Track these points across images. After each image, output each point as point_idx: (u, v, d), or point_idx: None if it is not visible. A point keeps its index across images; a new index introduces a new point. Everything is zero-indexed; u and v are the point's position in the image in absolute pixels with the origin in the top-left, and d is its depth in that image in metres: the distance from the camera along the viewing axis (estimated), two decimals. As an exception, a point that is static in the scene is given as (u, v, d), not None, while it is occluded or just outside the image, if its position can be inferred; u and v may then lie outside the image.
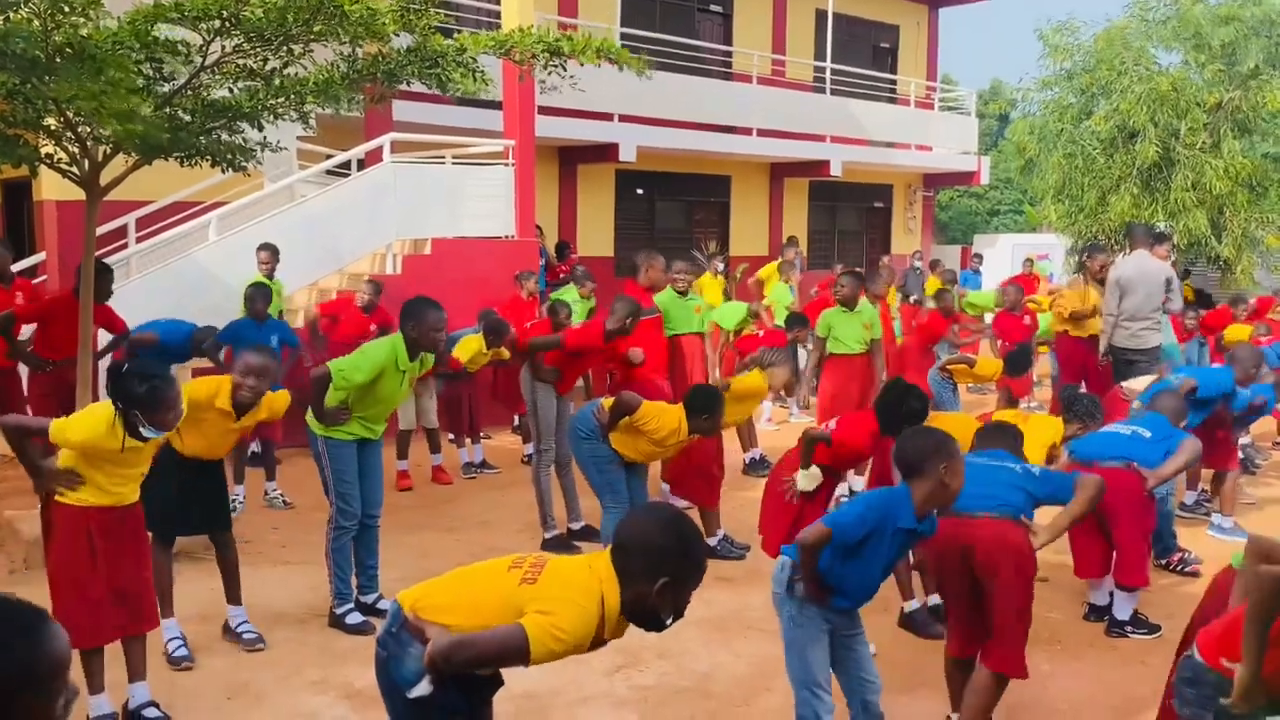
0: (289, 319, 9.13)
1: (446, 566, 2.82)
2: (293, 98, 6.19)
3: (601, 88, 11.36)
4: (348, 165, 10.74)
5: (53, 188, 9.01)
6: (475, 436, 8.65)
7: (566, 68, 6.95)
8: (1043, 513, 3.89)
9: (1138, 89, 14.71)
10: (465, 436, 8.59)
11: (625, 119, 14.63)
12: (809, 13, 18.63)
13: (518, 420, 9.61)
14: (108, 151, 5.99)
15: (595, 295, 9.63)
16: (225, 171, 6.74)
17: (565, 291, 9.70)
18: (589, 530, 6.55)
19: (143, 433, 3.70)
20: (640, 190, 16.60)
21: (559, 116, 13.03)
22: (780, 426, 10.45)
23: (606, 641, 2.54)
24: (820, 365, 7.93)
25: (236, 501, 6.79)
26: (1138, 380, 6.94)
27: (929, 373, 8.23)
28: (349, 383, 4.79)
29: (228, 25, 5.62)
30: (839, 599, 3.38)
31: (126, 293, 8.28)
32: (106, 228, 8.94)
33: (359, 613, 5.06)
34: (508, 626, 2.41)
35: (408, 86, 6.95)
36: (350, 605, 5.07)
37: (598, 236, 16.05)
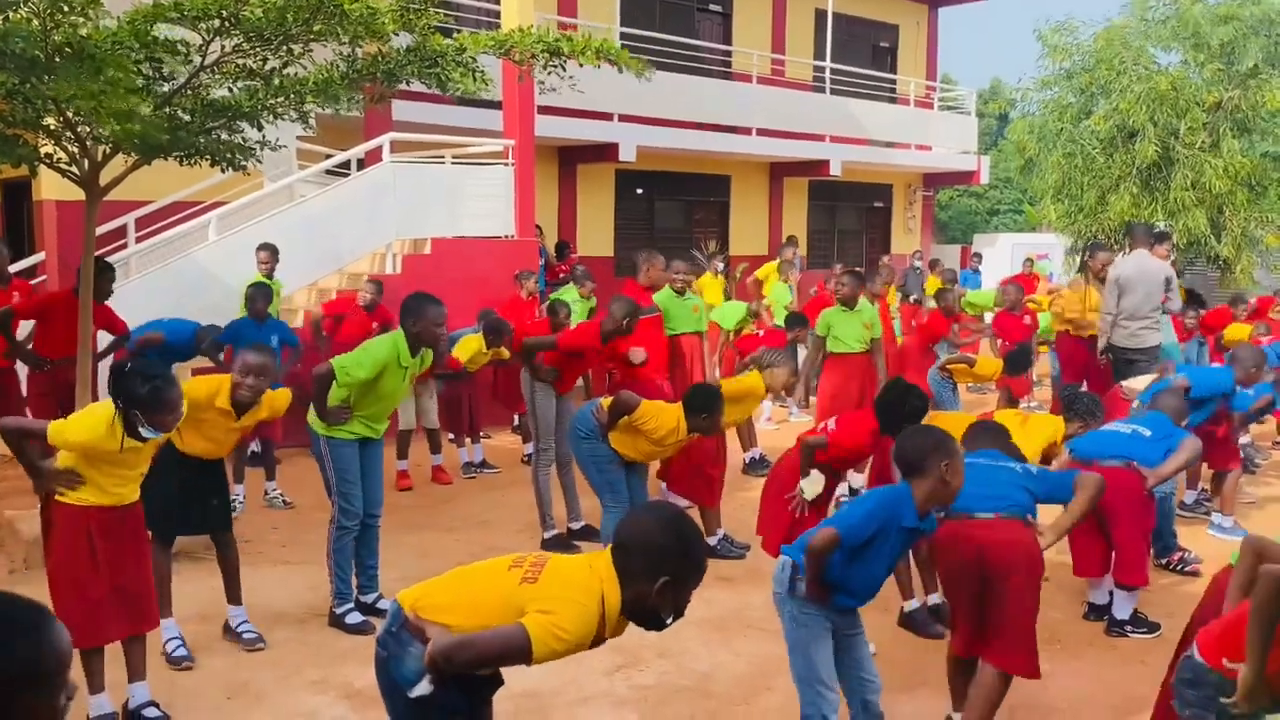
0: (288, 319, 9.13)
1: (446, 566, 2.82)
2: (292, 97, 6.19)
3: (601, 88, 11.34)
4: (347, 165, 10.73)
5: (52, 187, 9.00)
6: (475, 436, 8.65)
7: (566, 68, 6.95)
8: (1043, 513, 3.89)
9: (1137, 88, 14.72)
10: (465, 436, 8.59)
11: (625, 119, 14.63)
12: (808, 12, 18.63)
13: (517, 420, 9.62)
14: (107, 151, 5.98)
15: (595, 295, 9.64)
16: (225, 171, 6.74)
17: (565, 291, 9.70)
18: (589, 530, 6.55)
19: (142, 433, 3.70)
20: (640, 190, 16.60)
21: (559, 116, 13.02)
22: (780, 426, 10.44)
23: (605, 639, 2.55)
24: (818, 364, 7.93)
25: (236, 501, 6.79)
26: (1138, 380, 6.95)
27: (929, 372, 8.23)
28: (352, 379, 4.79)
29: (227, 25, 5.61)
30: (842, 598, 3.38)
31: (126, 292, 8.28)
32: (106, 227, 8.94)
33: (359, 612, 5.06)
34: (509, 626, 2.41)
35: (407, 86, 6.95)
36: (350, 605, 5.07)
37: (597, 236, 16.05)
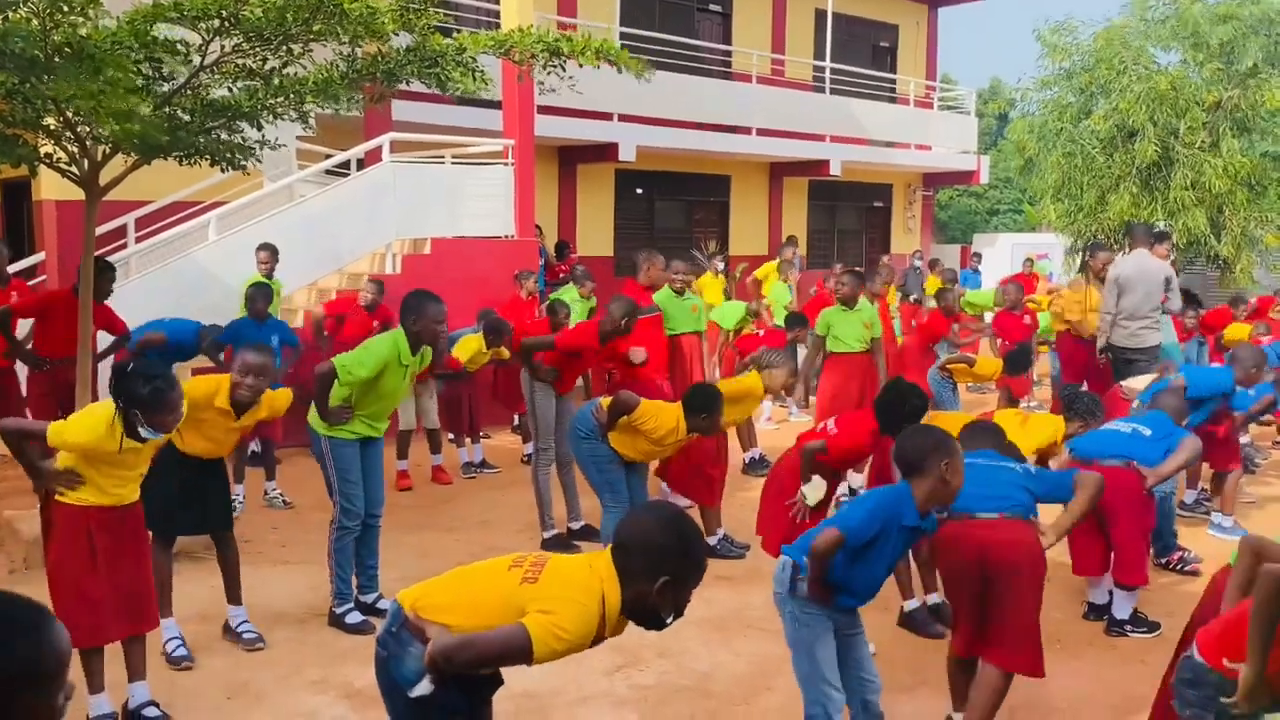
0: (288, 319, 9.13)
1: (446, 566, 2.82)
2: (292, 97, 6.18)
3: (601, 87, 11.34)
4: (347, 165, 10.73)
5: (52, 187, 9.00)
6: (475, 436, 8.65)
7: (565, 68, 6.94)
8: (1043, 512, 3.89)
9: (1137, 88, 14.71)
10: (465, 436, 8.59)
11: (625, 118, 14.64)
12: (808, 12, 18.63)
13: (517, 420, 9.62)
14: (107, 151, 5.98)
15: (595, 295, 9.64)
16: (224, 171, 6.73)
17: (565, 291, 9.70)
18: (589, 530, 6.55)
19: (141, 433, 3.70)
20: (640, 190, 16.60)
21: (558, 116, 13.02)
22: (780, 426, 10.45)
23: (605, 638, 2.55)
24: (818, 364, 7.93)
25: (236, 501, 6.79)
26: (1137, 379, 6.94)
27: (929, 372, 8.23)
28: (354, 378, 4.80)
29: (227, 25, 5.61)
30: (844, 598, 3.38)
31: (126, 292, 8.28)
32: (106, 227, 8.94)
33: (359, 612, 5.06)
34: (510, 626, 2.41)
35: (407, 86, 6.95)
36: (350, 605, 5.07)
37: (597, 236, 16.05)
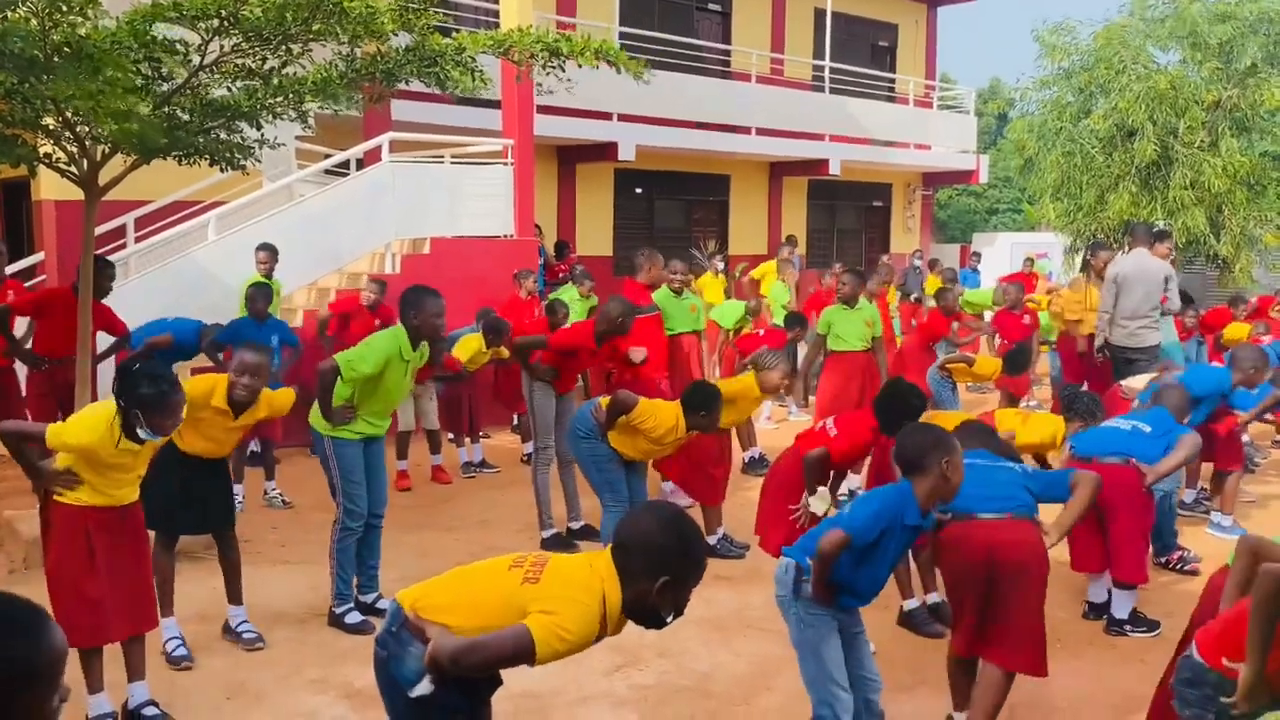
0: (287, 318, 9.12)
1: (446, 566, 2.82)
2: (291, 97, 6.18)
3: (601, 87, 11.33)
4: (346, 165, 10.72)
5: (51, 187, 8.99)
6: (475, 436, 8.65)
7: (565, 69, 6.94)
8: (1043, 512, 3.89)
9: (1136, 87, 14.71)
10: (465, 436, 8.59)
11: (624, 118, 14.63)
12: (808, 11, 18.63)
13: (516, 419, 9.62)
14: (106, 151, 5.97)
15: (595, 294, 9.63)
16: (224, 171, 6.73)
17: (564, 291, 9.70)
18: (589, 530, 6.55)
19: (139, 434, 3.69)
20: (639, 189, 16.59)
21: (558, 115, 13.02)
22: (780, 425, 10.45)
23: (604, 637, 2.55)
24: (818, 363, 7.93)
25: (235, 501, 6.78)
26: (1137, 379, 6.94)
27: (928, 371, 8.22)
28: (357, 374, 4.80)
29: (226, 24, 5.60)
30: (847, 598, 3.38)
31: (125, 292, 8.27)
32: (105, 227, 8.94)
33: (358, 612, 5.07)
34: (513, 628, 2.41)
35: (406, 86, 6.95)
36: (350, 605, 5.07)
37: (597, 236, 16.05)
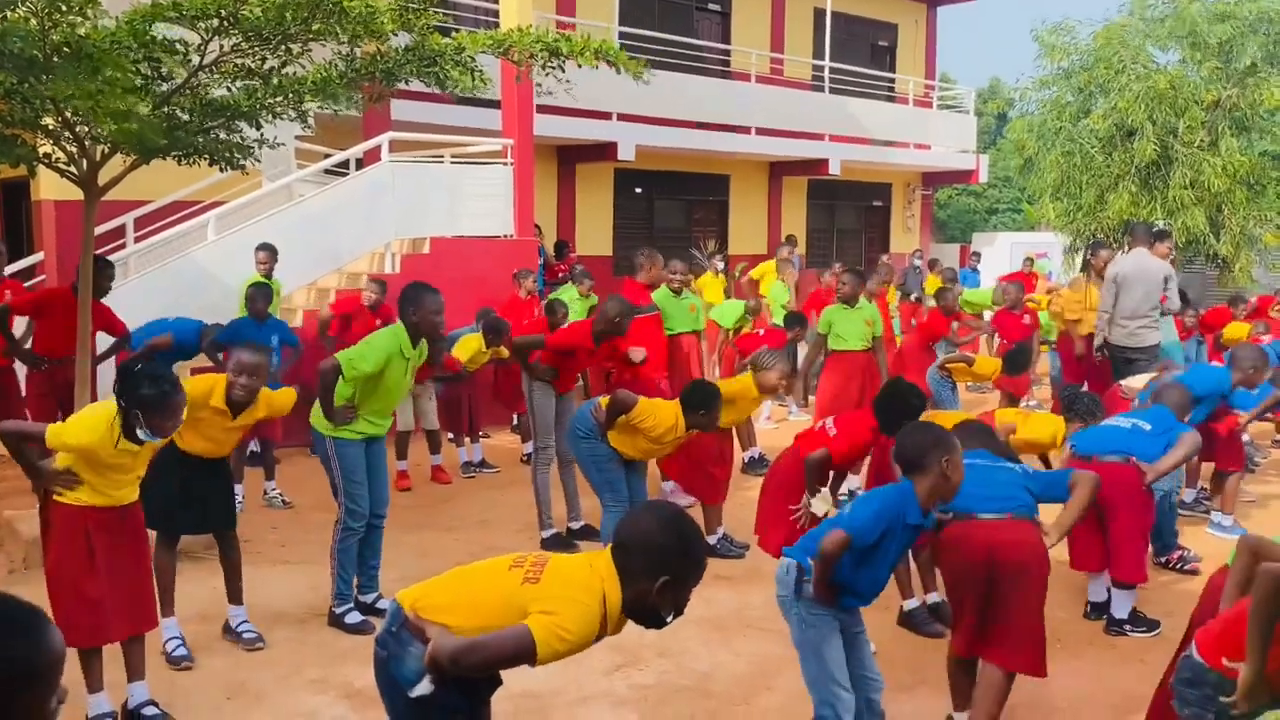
0: (287, 318, 9.12)
1: (446, 566, 2.82)
2: (291, 97, 6.18)
3: (600, 87, 11.32)
4: (346, 164, 10.72)
5: (51, 187, 8.99)
6: (475, 436, 8.64)
7: (564, 69, 6.94)
8: (1042, 512, 3.89)
9: (1136, 87, 14.72)
10: (465, 436, 8.58)
11: (624, 118, 14.63)
12: (807, 11, 18.63)
13: (516, 419, 9.61)
14: (105, 151, 5.97)
15: (594, 294, 9.63)
16: (223, 171, 6.73)
17: (564, 290, 9.70)
18: (588, 530, 6.55)
19: (139, 435, 3.69)
20: (639, 189, 16.59)
21: (558, 115, 13.01)
22: (779, 425, 10.44)
23: (604, 636, 2.55)
24: (819, 362, 7.93)
25: (236, 501, 6.79)
26: (1136, 379, 6.93)
27: (928, 371, 8.23)
28: (358, 372, 4.80)
29: (226, 24, 5.60)
30: (849, 599, 3.38)
31: (124, 292, 8.27)
32: (105, 227, 8.94)
33: (358, 612, 5.06)
34: (513, 628, 2.41)
35: (406, 85, 6.95)
36: (350, 605, 5.07)
37: (596, 235, 16.05)
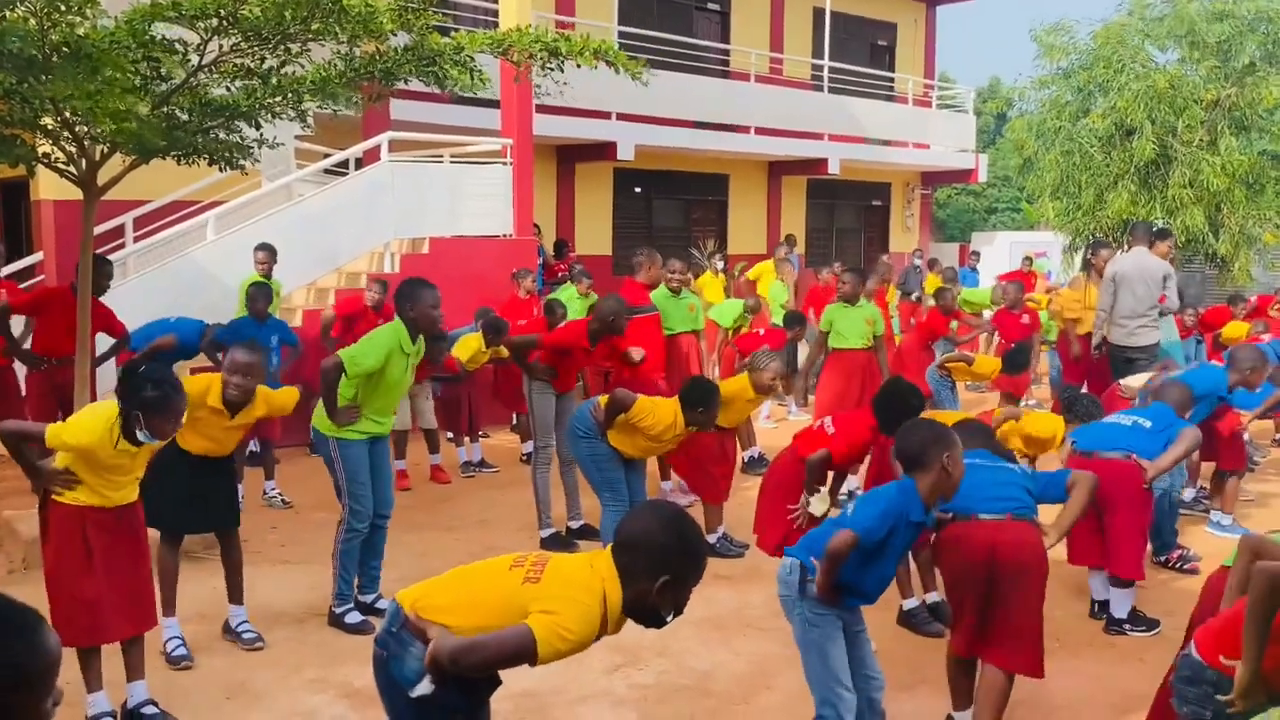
0: (286, 318, 9.12)
1: (446, 566, 2.82)
2: (290, 97, 6.17)
3: (600, 87, 11.29)
4: (345, 164, 10.72)
5: (50, 187, 8.99)
6: (474, 436, 8.64)
7: (563, 69, 6.93)
8: (1042, 512, 3.89)
9: (1135, 86, 14.73)
10: (464, 436, 8.58)
11: (623, 117, 14.63)
12: (807, 11, 18.63)
13: (516, 419, 9.61)
14: (105, 151, 5.97)
15: (594, 293, 9.63)
16: (222, 170, 6.73)
17: (563, 290, 9.70)
18: (588, 529, 6.55)
19: (138, 436, 3.69)
20: (638, 189, 16.59)
21: (557, 115, 13.01)
22: (779, 424, 10.45)
23: (603, 636, 2.55)
24: (820, 361, 7.93)
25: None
26: (1135, 378, 6.93)
27: (927, 371, 8.23)
28: (361, 369, 4.81)
29: (225, 24, 5.60)
30: (853, 598, 3.38)
31: (124, 292, 8.27)
32: (104, 227, 8.94)
33: (358, 612, 5.06)
34: (514, 628, 2.41)
35: (405, 85, 6.94)
36: (350, 605, 5.07)
37: (596, 235, 16.04)
